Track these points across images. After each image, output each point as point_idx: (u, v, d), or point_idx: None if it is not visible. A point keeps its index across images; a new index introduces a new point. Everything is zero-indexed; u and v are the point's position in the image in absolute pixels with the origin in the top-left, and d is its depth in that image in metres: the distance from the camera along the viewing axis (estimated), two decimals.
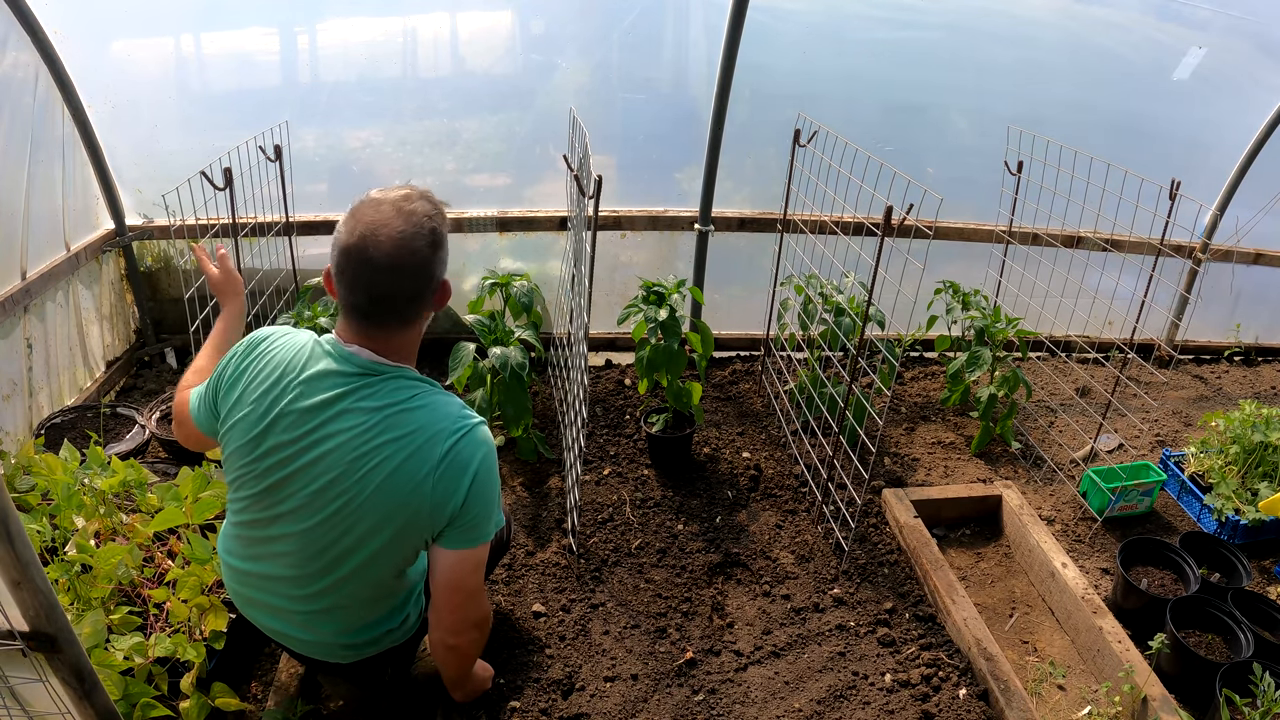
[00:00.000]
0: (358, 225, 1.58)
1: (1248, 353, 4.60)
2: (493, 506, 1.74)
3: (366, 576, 1.75)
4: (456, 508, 1.67)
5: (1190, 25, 3.87)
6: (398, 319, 1.65)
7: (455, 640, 1.85)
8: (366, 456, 1.63)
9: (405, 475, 1.63)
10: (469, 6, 3.66)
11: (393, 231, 1.57)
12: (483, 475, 1.69)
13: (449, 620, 1.80)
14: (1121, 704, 2.36)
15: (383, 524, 1.67)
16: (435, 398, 1.71)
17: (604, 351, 4.16)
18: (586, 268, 2.55)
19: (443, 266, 1.68)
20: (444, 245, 1.67)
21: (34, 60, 3.10)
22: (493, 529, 1.75)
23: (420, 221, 1.60)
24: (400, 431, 1.63)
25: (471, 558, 1.74)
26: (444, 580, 1.74)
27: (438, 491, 1.65)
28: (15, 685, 1.47)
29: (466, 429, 1.68)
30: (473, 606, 1.81)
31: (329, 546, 1.70)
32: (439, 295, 1.70)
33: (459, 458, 1.66)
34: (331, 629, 1.83)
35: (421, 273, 1.61)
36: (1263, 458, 3.10)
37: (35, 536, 2.12)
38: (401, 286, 1.61)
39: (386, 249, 1.56)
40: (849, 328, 3.03)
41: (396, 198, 1.62)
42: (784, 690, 2.38)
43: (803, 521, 3.06)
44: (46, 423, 3.09)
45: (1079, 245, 3.78)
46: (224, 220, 2.93)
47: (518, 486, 3.18)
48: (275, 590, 1.80)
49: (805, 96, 3.59)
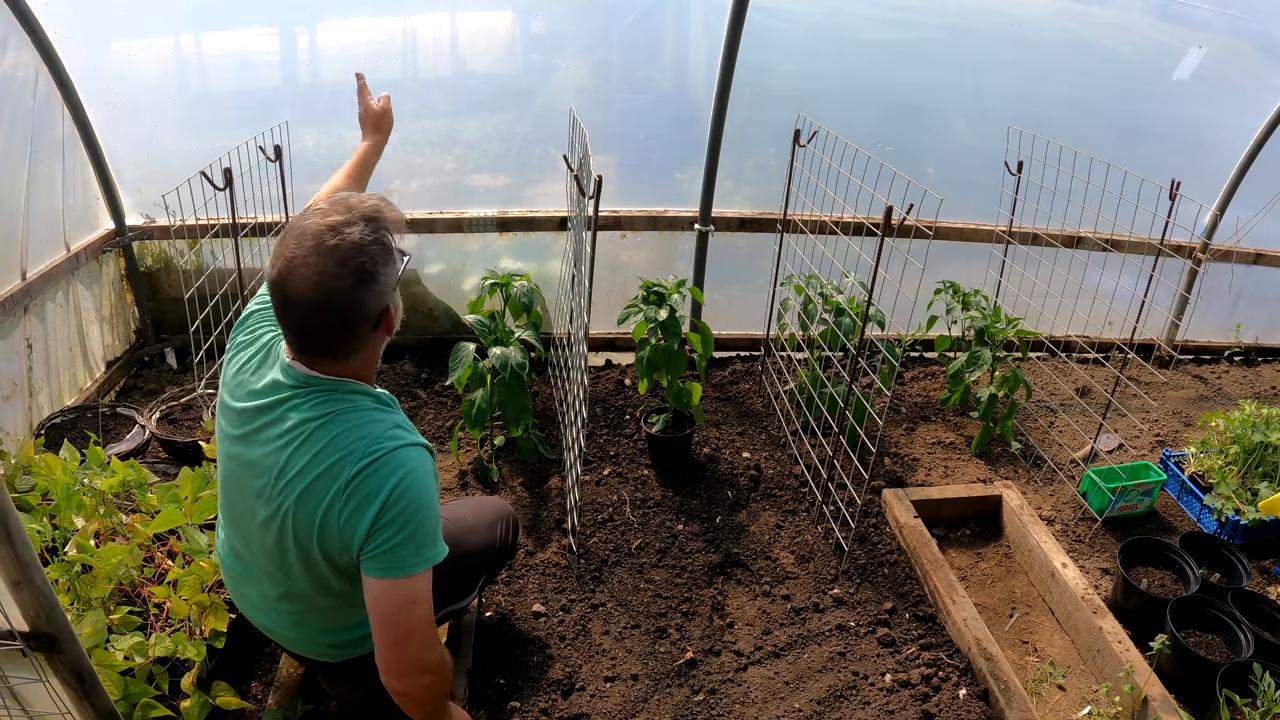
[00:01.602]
0: (279, 259, 1.49)
1: (1248, 353, 4.60)
2: (416, 537, 1.57)
3: (318, 584, 1.71)
4: (364, 535, 1.55)
5: (1190, 25, 3.87)
6: (329, 355, 1.58)
7: (399, 685, 1.64)
8: (287, 467, 1.59)
9: (317, 493, 1.57)
10: (469, 6, 3.66)
11: (311, 272, 1.45)
12: (396, 503, 1.54)
13: (386, 660, 1.62)
14: (1121, 704, 2.36)
15: (307, 537, 1.62)
16: (361, 416, 1.59)
17: (604, 351, 4.15)
18: (586, 268, 2.55)
19: (379, 298, 1.54)
20: (377, 278, 1.51)
21: (34, 60, 3.10)
22: (421, 563, 1.58)
23: (345, 256, 1.46)
24: (316, 447, 1.57)
25: (397, 590, 1.57)
26: (372, 612, 1.60)
27: (343, 516, 1.55)
28: (15, 685, 1.47)
29: (381, 453, 1.55)
30: (412, 646, 1.61)
31: (274, 550, 1.69)
32: (380, 326, 1.59)
33: (366, 483, 1.54)
34: (312, 628, 1.83)
35: (348, 313, 1.51)
36: (1263, 458, 3.10)
37: (35, 536, 2.12)
38: (326, 326, 1.52)
39: (304, 291, 1.46)
40: (849, 328, 3.03)
41: (323, 228, 1.48)
42: (784, 690, 2.38)
43: (803, 521, 3.06)
44: (46, 423, 3.09)
45: (1079, 245, 3.78)
46: (224, 220, 2.93)
47: (518, 486, 3.18)
48: (255, 588, 1.82)
49: (805, 96, 3.59)
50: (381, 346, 1.68)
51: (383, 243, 1.53)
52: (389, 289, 1.56)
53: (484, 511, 2.30)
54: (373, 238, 1.51)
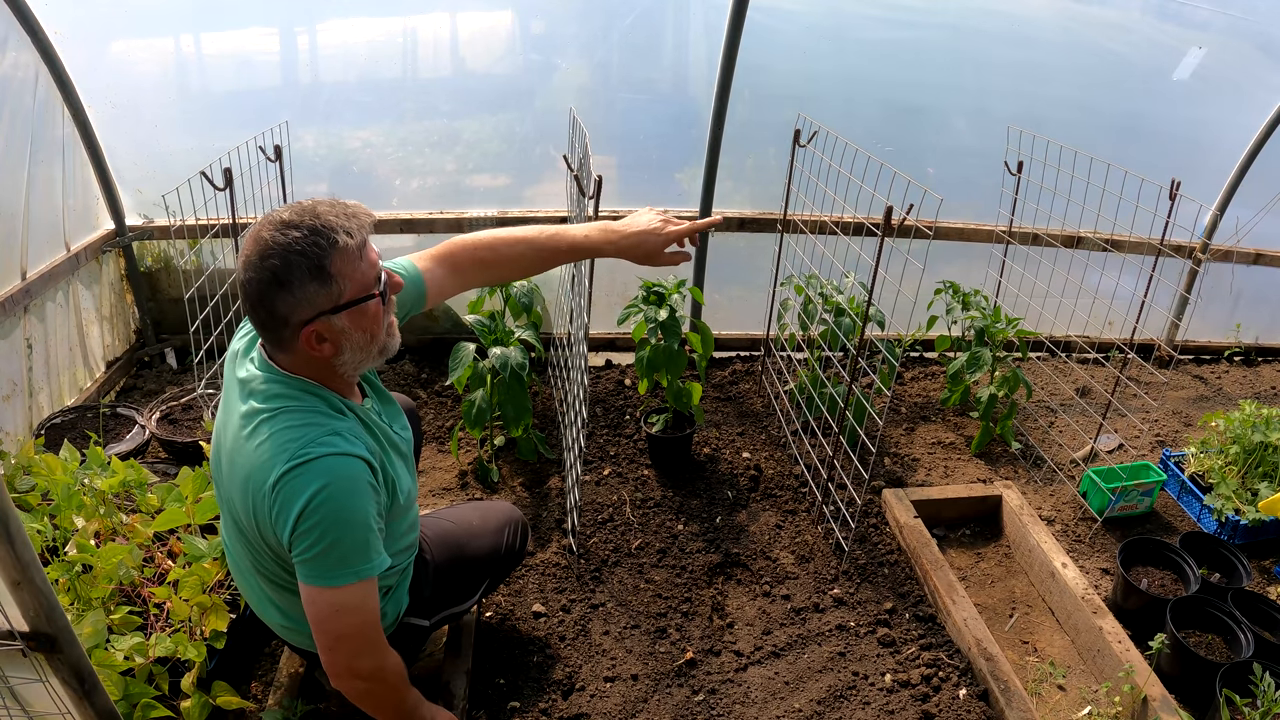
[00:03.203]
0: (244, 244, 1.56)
1: (1248, 353, 4.60)
2: (338, 549, 1.54)
3: (272, 575, 1.73)
4: (287, 539, 1.55)
5: (1190, 25, 3.87)
6: (270, 342, 1.61)
7: (336, 685, 1.70)
8: (233, 452, 1.63)
9: (252, 488, 1.58)
10: (469, 6, 3.66)
11: (244, 252, 1.52)
12: (314, 511, 1.51)
13: (324, 660, 1.65)
14: (1121, 704, 2.36)
15: (251, 528, 1.64)
16: (302, 417, 1.57)
17: (604, 351, 4.15)
18: (586, 268, 2.55)
19: (291, 308, 1.50)
20: (290, 287, 1.47)
21: (34, 60, 3.10)
22: (347, 575, 1.56)
23: (266, 251, 1.47)
24: (259, 439, 1.57)
25: (323, 598, 1.57)
26: (306, 613, 1.62)
27: (272, 514, 1.55)
28: (15, 685, 1.47)
29: (306, 459, 1.52)
30: (343, 652, 1.64)
31: (238, 541, 1.73)
32: (301, 339, 1.54)
33: (288, 488, 1.52)
34: (300, 615, 1.83)
35: (259, 307, 1.52)
36: (1263, 458, 3.10)
37: (35, 536, 2.12)
38: (254, 314, 1.55)
39: (240, 268, 1.53)
40: (849, 328, 3.03)
41: (277, 220, 1.50)
42: (784, 690, 2.38)
43: (803, 521, 3.06)
44: (46, 423, 3.09)
45: (1079, 245, 3.78)
46: (224, 220, 2.93)
47: (517, 486, 3.18)
48: (246, 578, 1.84)
49: (805, 97, 3.59)
50: (327, 359, 1.59)
51: (311, 258, 1.47)
52: (308, 306, 1.50)
53: (491, 517, 2.30)
54: (300, 249, 1.46)
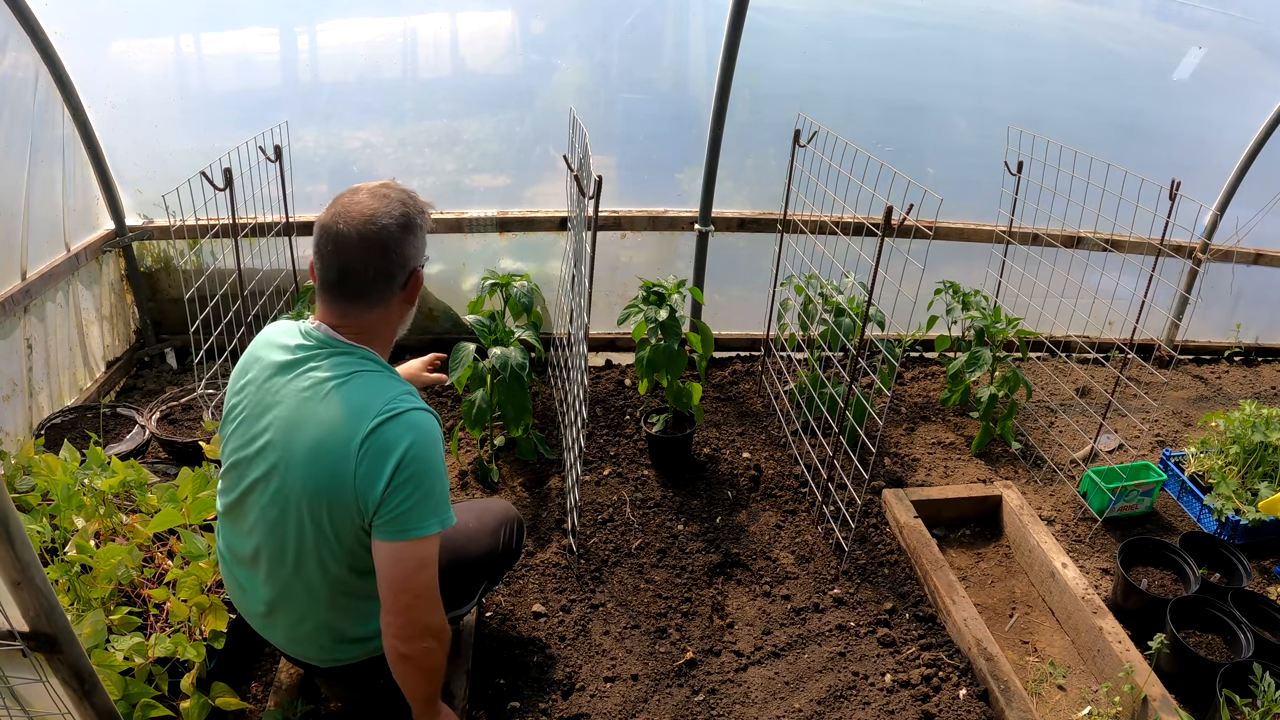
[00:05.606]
0: (334, 207, 1.68)
1: (1248, 353, 4.60)
2: (430, 499, 1.65)
3: (320, 563, 1.72)
4: (379, 494, 1.61)
5: (1190, 25, 3.87)
6: (364, 297, 1.69)
7: (406, 648, 1.72)
8: (298, 425, 1.65)
9: (330, 449, 1.62)
10: (469, 6, 3.66)
11: (364, 209, 1.65)
12: (411, 462, 1.62)
13: (396, 623, 1.70)
14: (1121, 704, 2.36)
15: (313, 499, 1.65)
16: (375, 378, 1.69)
17: (604, 351, 4.15)
18: (586, 268, 2.55)
19: (414, 252, 1.71)
20: (416, 232, 1.71)
21: (34, 60, 3.10)
22: (435, 524, 1.67)
23: (392, 205, 1.67)
24: (331, 404, 1.64)
25: (411, 552, 1.65)
26: (384, 575, 1.67)
27: (359, 473, 1.61)
28: (15, 685, 1.47)
29: (396, 412, 1.63)
30: (422, 609, 1.71)
31: (278, 522, 1.71)
32: (410, 283, 1.73)
33: (382, 439, 1.61)
34: (310, 627, 1.83)
35: (388, 250, 1.66)
36: (1263, 458, 3.10)
37: (35, 537, 2.12)
38: (369, 261, 1.65)
39: (356, 224, 1.64)
40: (849, 328, 3.03)
41: (374, 185, 1.72)
42: (784, 690, 2.38)
43: (803, 522, 3.06)
44: (46, 423, 3.09)
45: (1079, 245, 3.78)
46: (224, 220, 2.93)
47: (518, 486, 3.18)
48: (251, 580, 1.83)
49: (805, 96, 3.59)
50: (402, 319, 1.79)
51: (420, 208, 1.75)
52: (421, 253, 1.74)
53: (487, 517, 2.29)
54: (410, 201, 1.73)
